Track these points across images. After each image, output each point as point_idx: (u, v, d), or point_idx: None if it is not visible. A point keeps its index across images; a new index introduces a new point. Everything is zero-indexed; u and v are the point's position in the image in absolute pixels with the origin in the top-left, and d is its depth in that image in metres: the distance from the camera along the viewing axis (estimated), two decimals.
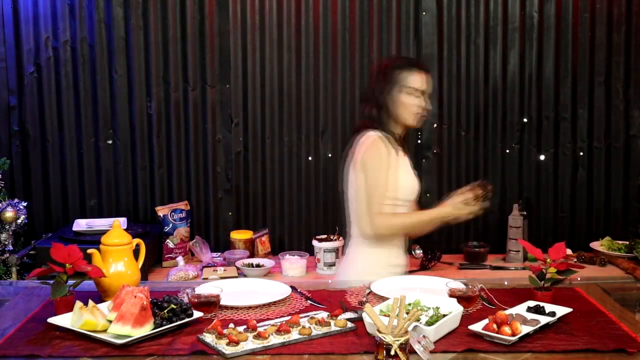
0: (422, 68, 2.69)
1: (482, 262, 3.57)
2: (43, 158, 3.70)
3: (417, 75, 2.64)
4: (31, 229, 3.66)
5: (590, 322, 1.95)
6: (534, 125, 3.77)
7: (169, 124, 3.71)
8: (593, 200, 3.82)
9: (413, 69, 2.65)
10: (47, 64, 3.64)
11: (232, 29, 3.66)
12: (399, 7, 3.68)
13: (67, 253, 2.04)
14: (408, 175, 2.71)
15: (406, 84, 2.62)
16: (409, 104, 2.64)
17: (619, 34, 3.71)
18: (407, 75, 2.63)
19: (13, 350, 1.80)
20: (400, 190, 2.64)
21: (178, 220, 3.58)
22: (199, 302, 2.02)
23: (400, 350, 1.64)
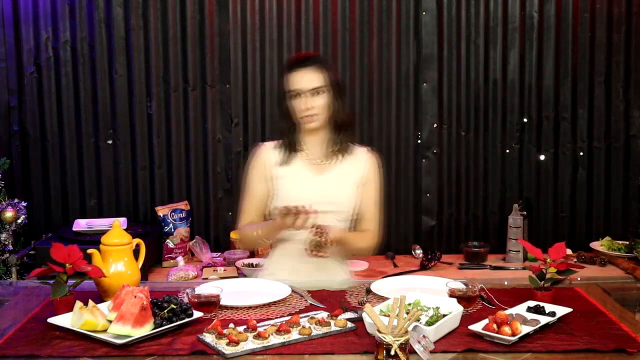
0: (296, 64, 2.45)
1: (482, 262, 3.57)
2: (43, 158, 3.70)
3: (294, 74, 2.42)
4: (31, 229, 3.66)
5: (590, 322, 1.95)
6: (534, 125, 3.77)
7: (169, 124, 3.71)
8: (593, 200, 3.82)
9: (290, 70, 2.44)
10: (47, 64, 3.64)
11: (232, 29, 3.66)
12: (399, 7, 3.68)
13: (67, 253, 2.04)
14: (294, 186, 2.49)
15: (288, 88, 2.43)
16: (295, 109, 2.43)
17: (619, 34, 3.71)
18: (287, 78, 2.44)
19: (13, 350, 1.80)
20: (287, 201, 2.40)
21: (178, 220, 3.58)
22: (199, 302, 2.02)
23: (400, 350, 1.64)
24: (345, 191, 2.50)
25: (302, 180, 2.50)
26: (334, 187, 2.49)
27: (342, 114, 2.49)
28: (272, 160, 2.52)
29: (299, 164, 2.52)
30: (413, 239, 3.82)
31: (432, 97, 3.74)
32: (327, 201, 2.45)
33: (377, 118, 3.74)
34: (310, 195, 2.45)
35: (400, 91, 3.73)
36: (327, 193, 2.48)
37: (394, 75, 3.72)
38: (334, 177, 2.51)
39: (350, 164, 2.52)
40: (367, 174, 2.54)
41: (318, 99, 2.41)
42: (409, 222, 3.82)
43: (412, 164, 3.78)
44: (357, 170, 2.53)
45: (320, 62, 2.46)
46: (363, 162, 2.54)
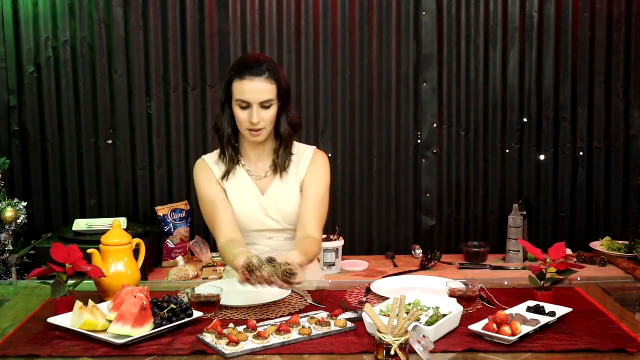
0: (247, 72, 2.25)
1: (482, 262, 3.57)
2: (43, 158, 3.70)
3: (244, 83, 2.24)
4: (31, 229, 3.66)
5: (590, 322, 1.95)
6: (534, 125, 3.78)
7: (169, 124, 3.71)
8: (593, 200, 3.82)
9: (240, 75, 2.25)
10: (47, 64, 3.64)
11: (232, 29, 3.66)
12: (399, 7, 3.68)
13: (67, 253, 2.04)
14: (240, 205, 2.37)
15: (236, 96, 2.26)
16: (239, 119, 2.28)
17: (619, 34, 3.71)
18: (236, 85, 2.26)
19: (13, 350, 1.80)
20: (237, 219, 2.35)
21: (178, 220, 3.58)
22: (199, 302, 2.02)
23: (400, 350, 1.64)
24: (293, 203, 2.38)
25: (247, 199, 2.38)
26: (282, 201, 2.37)
27: (289, 122, 2.34)
28: (217, 174, 2.40)
29: (242, 178, 2.39)
30: (413, 239, 3.82)
31: (432, 97, 3.74)
32: (276, 218, 2.38)
33: (377, 118, 3.74)
34: (259, 216, 2.37)
35: (400, 91, 3.74)
36: (276, 210, 2.37)
37: (394, 75, 3.72)
38: (281, 191, 2.38)
39: (295, 170, 2.40)
40: (310, 175, 2.39)
41: (267, 112, 2.26)
42: (409, 222, 3.82)
43: (412, 164, 3.79)
44: (299, 174, 2.40)
45: (273, 71, 2.26)
46: (304, 163, 2.40)
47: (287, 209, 2.38)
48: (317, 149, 2.46)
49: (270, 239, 2.43)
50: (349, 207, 3.80)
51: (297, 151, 2.43)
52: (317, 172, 2.40)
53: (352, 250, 3.77)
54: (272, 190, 2.39)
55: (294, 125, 2.38)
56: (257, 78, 2.24)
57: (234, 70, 2.29)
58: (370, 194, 3.80)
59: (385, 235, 3.82)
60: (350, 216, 3.80)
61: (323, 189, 2.41)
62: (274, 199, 2.38)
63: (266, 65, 2.27)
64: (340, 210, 3.77)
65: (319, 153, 2.45)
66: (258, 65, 2.26)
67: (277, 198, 2.38)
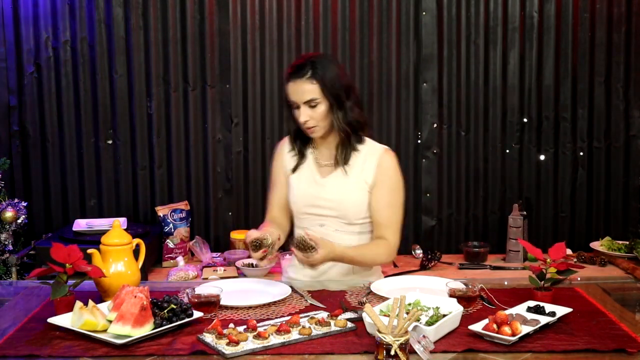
0: (290, 74, 2.37)
1: (482, 262, 3.57)
2: (43, 158, 3.70)
3: (289, 85, 2.36)
4: (31, 229, 3.66)
5: (590, 322, 1.95)
6: (534, 125, 3.77)
7: (169, 124, 3.71)
8: (593, 200, 3.82)
9: (287, 79, 2.38)
10: (47, 64, 3.64)
11: (232, 29, 3.66)
12: (399, 7, 3.68)
13: (67, 253, 2.04)
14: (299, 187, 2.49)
15: (287, 98, 2.40)
16: (294, 118, 2.41)
17: (619, 34, 3.71)
18: (286, 88, 2.39)
19: (13, 350, 1.80)
20: (292, 202, 2.51)
21: (178, 220, 3.58)
22: (199, 302, 2.02)
23: (400, 350, 1.64)
24: (351, 195, 2.42)
25: (307, 182, 2.48)
26: (339, 191, 2.43)
27: (348, 120, 2.38)
28: (287, 165, 2.53)
29: (307, 165, 2.50)
30: (413, 239, 3.82)
31: (432, 97, 3.74)
32: (330, 206, 2.43)
33: (377, 118, 3.74)
34: (313, 198, 2.45)
35: (400, 91, 3.73)
36: (331, 197, 2.43)
37: (394, 75, 3.72)
38: (340, 181, 2.44)
39: (360, 167, 2.44)
40: (377, 176, 2.43)
41: (314, 111, 2.34)
42: (409, 222, 3.82)
43: (412, 164, 3.79)
44: (367, 172, 2.43)
45: (314, 72, 2.32)
46: (374, 164, 2.44)
47: (344, 199, 2.42)
48: (386, 149, 2.49)
49: (322, 226, 2.46)
50: None
51: (366, 148, 2.46)
52: (388, 178, 2.45)
53: None
54: (332, 178, 2.45)
55: (353, 123, 2.41)
56: (299, 80, 2.33)
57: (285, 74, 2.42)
58: None
59: None
60: None
61: (396, 194, 2.46)
62: (332, 186, 2.44)
63: (309, 66, 2.34)
64: None
65: (386, 155, 2.47)
66: (300, 67, 2.35)
67: (335, 186, 2.44)
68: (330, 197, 2.43)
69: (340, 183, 2.44)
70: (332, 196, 2.43)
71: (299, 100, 2.34)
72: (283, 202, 2.55)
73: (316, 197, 2.45)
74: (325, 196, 2.44)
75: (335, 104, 2.36)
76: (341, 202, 2.43)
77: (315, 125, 2.37)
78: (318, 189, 2.45)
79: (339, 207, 2.43)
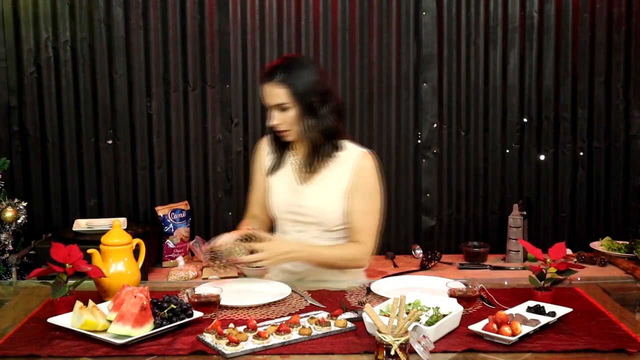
0: (263, 78, 2.34)
1: (482, 262, 3.57)
2: (43, 158, 3.70)
3: (263, 88, 2.33)
4: (31, 229, 3.66)
5: (590, 322, 1.95)
6: (534, 125, 3.78)
7: (169, 124, 3.71)
8: (593, 200, 3.82)
9: (261, 82, 2.35)
10: (47, 64, 3.64)
11: (232, 29, 3.66)
12: (399, 7, 3.68)
13: (67, 253, 2.04)
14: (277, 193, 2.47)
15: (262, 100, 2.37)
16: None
17: (619, 34, 3.71)
18: (261, 90, 2.36)
19: (13, 350, 1.80)
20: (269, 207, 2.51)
21: (178, 220, 3.58)
22: (199, 302, 2.02)
23: (400, 350, 1.64)
24: (327, 201, 2.38)
25: (286, 188, 2.45)
26: (316, 198, 2.39)
27: (319, 128, 2.32)
28: (266, 164, 2.52)
29: (287, 169, 2.47)
30: (413, 239, 3.82)
31: (432, 97, 3.74)
32: (307, 213, 2.40)
33: (377, 118, 3.74)
34: (291, 205, 2.43)
35: (400, 91, 3.74)
36: (309, 204, 2.40)
37: (394, 75, 3.72)
38: (317, 187, 2.40)
39: (337, 171, 2.39)
40: (353, 181, 2.38)
41: (284, 115, 2.31)
42: (409, 222, 3.82)
43: (412, 164, 3.79)
44: (343, 178, 2.38)
45: (285, 76, 2.28)
46: (351, 168, 2.38)
47: (321, 207, 2.39)
48: (363, 153, 2.42)
49: (300, 232, 2.44)
50: None
51: (344, 153, 2.41)
52: (363, 182, 2.39)
53: None
54: (310, 185, 2.41)
55: (326, 132, 2.35)
56: (270, 82, 2.30)
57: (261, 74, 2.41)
58: None
59: (385, 235, 3.79)
60: None
61: (372, 199, 2.41)
62: (310, 193, 2.41)
63: (282, 69, 2.30)
64: None
65: (363, 159, 2.41)
66: (273, 69, 2.32)
67: (313, 193, 2.40)
68: (308, 204, 2.40)
69: (319, 190, 2.40)
70: (310, 203, 2.40)
71: (269, 103, 2.32)
72: (262, 202, 2.55)
73: (294, 204, 2.42)
74: (303, 203, 2.41)
75: (306, 110, 2.30)
76: (319, 209, 2.39)
77: (287, 129, 2.34)
78: (296, 195, 2.42)
79: (317, 214, 2.40)
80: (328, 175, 2.40)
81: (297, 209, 2.42)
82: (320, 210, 2.39)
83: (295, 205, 2.42)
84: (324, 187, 2.40)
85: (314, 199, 2.40)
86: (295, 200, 2.42)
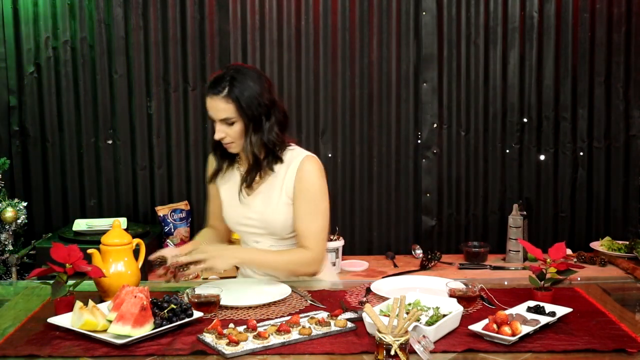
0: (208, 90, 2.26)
1: (482, 262, 3.57)
2: (43, 158, 3.70)
3: (207, 100, 2.27)
4: (31, 229, 3.66)
5: (590, 322, 1.95)
6: (534, 125, 3.78)
7: (169, 124, 3.71)
8: (593, 200, 3.82)
9: (206, 92, 2.28)
10: (47, 64, 3.64)
11: (232, 29, 3.66)
12: (399, 7, 3.68)
13: (67, 253, 2.04)
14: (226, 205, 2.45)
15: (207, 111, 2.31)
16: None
17: (619, 34, 3.71)
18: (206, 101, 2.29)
19: (13, 350, 1.80)
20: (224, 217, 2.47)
21: (178, 220, 3.58)
22: (199, 302, 2.02)
23: (400, 350, 1.64)
24: (273, 210, 2.34)
25: (234, 201, 2.41)
26: (263, 209, 2.35)
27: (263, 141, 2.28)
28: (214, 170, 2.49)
29: (233, 179, 2.43)
30: (413, 239, 3.82)
31: (432, 97, 3.74)
32: (256, 225, 2.37)
33: (377, 118, 3.74)
34: (240, 217, 2.40)
35: (400, 91, 3.73)
36: (256, 217, 2.36)
37: (394, 75, 3.72)
38: (264, 198, 2.35)
39: (281, 179, 2.34)
40: (296, 185, 2.32)
41: (230, 128, 2.26)
42: (409, 222, 3.82)
43: (412, 164, 3.79)
44: (288, 184, 2.33)
45: (231, 90, 2.21)
46: (292, 174, 2.32)
47: (268, 217, 2.35)
48: (307, 157, 2.35)
49: (257, 242, 2.42)
50: (349, 207, 3.79)
51: (289, 157, 2.36)
52: (307, 186, 2.32)
53: (352, 250, 3.77)
54: (255, 196, 2.38)
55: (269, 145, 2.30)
56: (215, 96, 2.24)
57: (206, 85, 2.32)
58: (370, 194, 3.80)
59: (385, 235, 3.82)
60: (350, 216, 3.80)
61: (317, 202, 2.33)
62: (256, 205, 2.37)
63: (227, 82, 2.23)
64: (340, 210, 3.77)
65: (306, 162, 2.34)
66: (218, 82, 2.25)
67: (259, 205, 2.36)
68: (256, 216, 2.37)
69: (264, 201, 2.36)
70: (257, 215, 2.37)
71: (214, 117, 2.26)
72: (218, 212, 2.53)
73: (242, 215, 2.39)
74: (251, 215, 2.38)
75: (252, 125, 2.26)
76: (266, 220, 2.36)
77: (232, 142, 2.29)
78: (243, 208, 2.39)
79: (266, 225, 2.36)
80: (272, 184, 2.36)
81: (246, 221, 2.40)
82: (267, 221, 2.35)
83: (243, 217, 2.40)
84: (269, 197, 2.35)
85: (260, 209, 2.36)
86: (244, 213, 2.39)
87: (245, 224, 2.41)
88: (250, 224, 2.39)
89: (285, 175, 2.34)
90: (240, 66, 2.32)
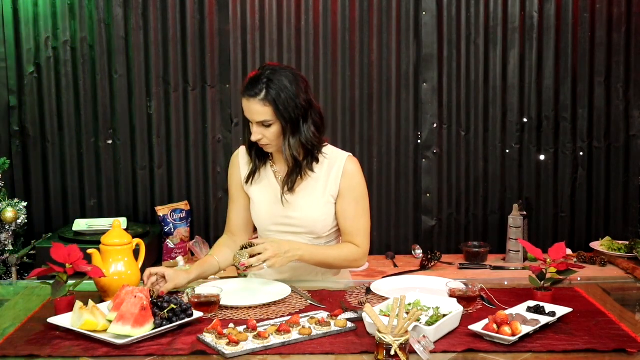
0: (244, 92, 2.25)
1: (482, 262, 3.57)
2: (43, 158, 3.70)
3: (243, 102, 2.26)
4: (31, 229, 3.66)
5: (590, 322, 1.95)
6: (534, 125, 3.78)
7: (169, 124, 3.71)
8: (593, 200, 3.82)
9: (242, 94, 2.26)
10: (47, 64, 3.64)
11: (232, 29, 3.66)
12: (399, 7, 3.68)
13: (67, 253, 2.04)
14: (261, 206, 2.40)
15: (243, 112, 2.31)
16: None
17: (619, 34, 3.71)
18: (242, 103, 2.29)
19: (13, 350, 1.80)
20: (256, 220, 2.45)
21: (178, 220, 3.58)
22: (199, 302, 2.02)
23: (400, 350, 1.64)
24: (317, 210, 2.35)
25: (271, 200, 2.38)
26: (305, 208, 2.35)
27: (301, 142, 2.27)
28: (243, 174, 2.45)
29: (267, 178, 2.41)
30: (413, 239, 3.82)
31: (432, 97, 3.74)
32: (297, 224, 2.36)
33: (377, 118, 3.74)
34: (279, 217, 2.37)
35: (400, 91, 3.74)
36: (298, 215, 2.35)
37: (394, 75, 3.72)
38: (306, 197, 2.35)
39: (322, 179, 2.35)
40: (342, 186, 2.34)
41: (267, 130, 2.24)
42: (409, 222, 3.82)
43: (412, 164, 3.79)
44: (332, 184, 2.34)
45: (268, 92, 2.20)
46: (336, 174, 2.34)
47: (311, 216, 2.35)
48: (349, 157, 2.38)
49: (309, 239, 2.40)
50: None
51: (329, 158, 2.36)
52: (353, 187, 2.36)
53: None
54: (297, 195, 2.36)
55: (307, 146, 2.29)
56: (252, 99, 2.22)
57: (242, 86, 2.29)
58: (370, 194, 3.78)
59: (385, 235, 3.82)
60: None
61: (363, 202, 2.39)
62: (298, 203, 2.36)
63: (264, 84, 2.22)
64: None
65: (349, 163, 2.36)
66: (254, 84, 2.23)
67: (301, 204, 2.35)
68: (298, 215, 2.36)
69: (307, 200, 2.35)
70: (300, 214, 2.35)
71: (252, 119, 2.25)
72: (242, 216, 2.48)
73: (282, 215, 2.37)
74: (292, 214, 2.36)
75: (289, 127, 2.25)
76: (309, 219, 2.35)
77: (269, 143, 2.28)
78: (284, 208, 2.36)
79: (307, 224, 2.36)
80: (315, 183, 2.35)
81: (285, 220, 2.37)
82: (311, 220, 2.35)
83: (283, 216, 2.37)
84: (311, 196, 2.35)
85: (304, 209, 2.35)
86: (283, 212, 2.36)
87: (285, 223, 2.38)
88: (291, 223, 2.37)
89: (329, 175, 2.35)
90: (276, 66, 2.29)
